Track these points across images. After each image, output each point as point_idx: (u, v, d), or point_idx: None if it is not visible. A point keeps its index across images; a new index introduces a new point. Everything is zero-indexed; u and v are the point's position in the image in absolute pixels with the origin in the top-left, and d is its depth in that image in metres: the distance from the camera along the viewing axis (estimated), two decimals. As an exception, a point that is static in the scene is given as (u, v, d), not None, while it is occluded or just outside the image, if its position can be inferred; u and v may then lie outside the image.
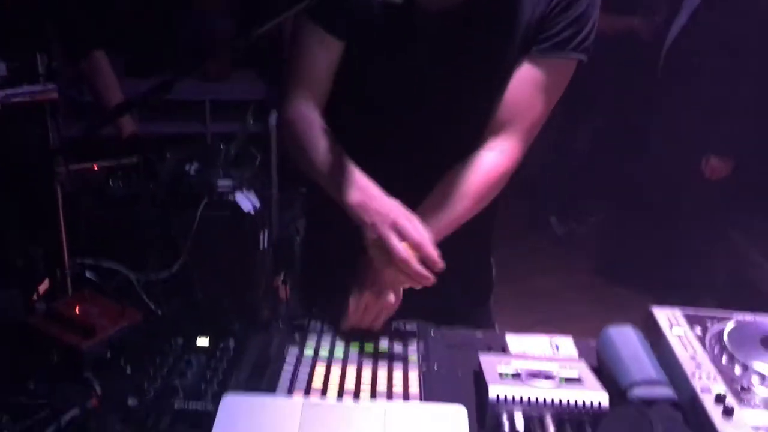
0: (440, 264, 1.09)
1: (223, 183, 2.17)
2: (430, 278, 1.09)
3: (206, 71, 3.96)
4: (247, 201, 2.17)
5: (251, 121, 2.40)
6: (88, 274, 1.55)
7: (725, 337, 1.10)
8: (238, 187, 2.19)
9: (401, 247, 1.09)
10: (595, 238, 4.09)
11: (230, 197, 2.16)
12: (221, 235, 2.13)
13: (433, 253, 1.10)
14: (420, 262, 1.09)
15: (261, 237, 2.25)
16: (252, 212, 2.17)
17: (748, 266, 3.09)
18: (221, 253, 2.11)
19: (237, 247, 2.13)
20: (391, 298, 1.18)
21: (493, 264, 1.54)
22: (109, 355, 1.11)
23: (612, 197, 3.85)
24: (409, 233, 1.09)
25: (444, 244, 1.17)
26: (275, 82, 3.75)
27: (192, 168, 2.22)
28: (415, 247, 1.09)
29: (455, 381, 1.13)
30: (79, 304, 1.21)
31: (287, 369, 1.08)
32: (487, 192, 1.24)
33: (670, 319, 1.17)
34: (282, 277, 2.35)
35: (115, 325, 1.16)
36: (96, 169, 2.22)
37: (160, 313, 1.37)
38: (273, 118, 3.14)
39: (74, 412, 0.96)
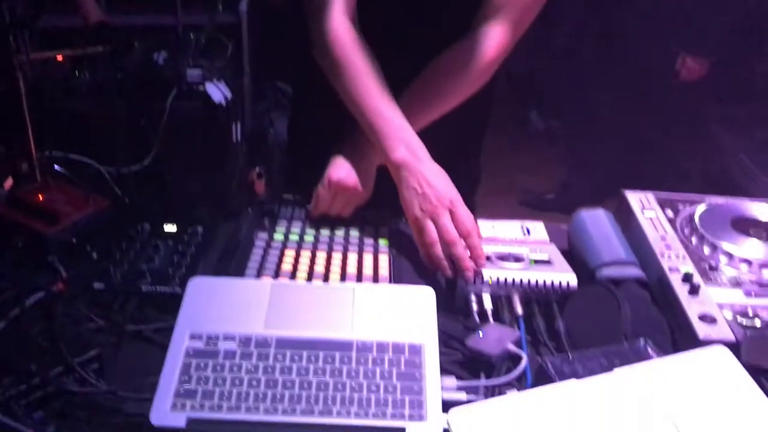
0: (483, 260, 1.04)
1: (193, 73, 2.10)
2: (471, 269, 1.04)
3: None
4: (218, 91, 2.10)
5: (221, 8, 2.31)
6: (57, 168, 1.50)
7: (696, 219, 1.10)
8: (208, 77, 2.12)
9: (453, 229, 1.05)
10: (574, 134, 4.07)
11: (200, 88, 2.10)
12: (192, 127, 2.07)
13: (480, 246, 1.06)
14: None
15: (233, 129, 2.20)
16: (223, 103, 2.11)
17: (725, 157, 3.09)
18: (193, 145, 2.06)
19: (209, 140, 2.09)
20: (361, 186, 1.16)
21: (481, 161, 1.52)
22: (74, 241, 1.09)
23: (590, 92, 3.80)
24: (462, 219, 1.06)
25: (436, 134, 1.15)
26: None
27: (160, 57, 2.14)
28: (465, 234, 1.06)
29: (426, 265, 1.13)
30: (42, 191, 1.18)
31: (256, 253, 1.07)
32: (474, 78, 1.20)
33: (642, 202, 1.17)
34: (257, 170, 2.32)
35: (80, 211, 1.13)
36: (60, 59, 2.13)
37: (127, 201, 1.35)
38: (243, 4, 3.03)
39: (39, 295, 0.95)
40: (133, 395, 0.84)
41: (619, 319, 0.94)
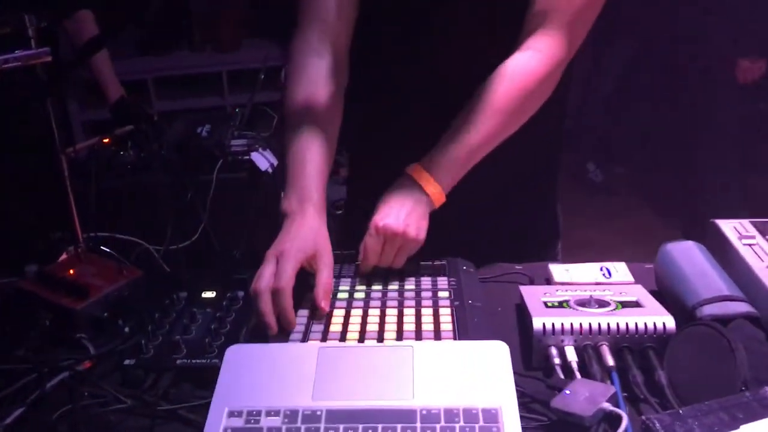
0: (275, 329, 0.91)
1: (237, 143, 2.06)
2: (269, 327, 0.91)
3: (218, 42, 3.84)
4: (263, 159, 2.05)
5: (262, 76, 2.28)
6: (104, 249, 1.44)
7: (807, 242, 0.95)
8: (253, 146, 2.07)
9: (264, 278, 0.93)
10: (632, 179, 3.91)
11: (246, 157, 2.05)
12: (240, 197, 2.02)
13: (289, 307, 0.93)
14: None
15: (282, 196, 2.13)
16: (270, 170, 2.05)
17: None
18: (241, 216, 2.00)
19: (257, 209, 2.02)
20: (412, 232, 1.03)
21: (560, 211, 1.36)
22: (105, 316, 1.00)
23: (645, 134, 3.69)
24: (279, 274, 0.93)
25: (502, 180, 1.09)
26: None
27: (204, 130, 2.11)
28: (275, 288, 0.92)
29: (494, 317, 0.99)
30: (72, 265, 1.10)
31: (301, 315, 0.96)
32: (522, 102, 1.05)
33: (737, 230, 1.02)
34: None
35: (111, 283, 1.04)
36: (107, 142, 2.12)
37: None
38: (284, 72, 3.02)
39: (63, 375, 0.85)
40: (164, 486, 0.72)
41: (732, 364, 0.78)
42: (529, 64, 1.05)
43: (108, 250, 1.38)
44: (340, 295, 1.00)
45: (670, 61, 3.29)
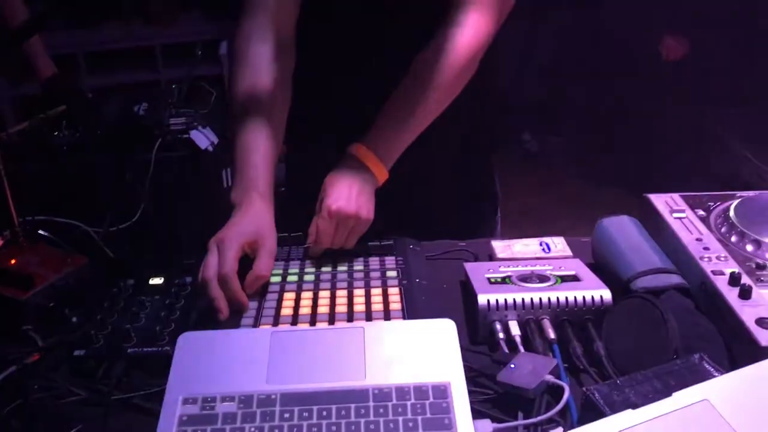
0: (224, 313, 0.92)
1: (176, 121, 2.02)
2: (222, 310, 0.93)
3: (151, 15, 3.73)
4: (203, 137, 2.03)
5: (200, 53, 2.24)
6: (42, 233, 1.40)
7: (732, 214, 1.00)
8: (191, 124, 2.04)
9: (210, 267, 0.94)
10: (567, 149, 4.01)
11: (185, 135, 2.02)
12: (180, 176, 1.99)
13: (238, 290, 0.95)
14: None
15: (223, 175, 2.12)
16: (210, 149, 2.03)
17: (731, 158, 3.01)
18: (182, 195, 1.97)
19: (198, 188, 2.00)
20: (363, 212, 1.06)
21: (496, 175, 1.43)
22: (52, 306, 0.99)
23: (579, 105, 3.80)
24: (221, 261, 0.94)
25: (442, 148, 1.12)
26: (224, 18, 3.54)
27: (141, 108, 2.06)
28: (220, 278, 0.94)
29: (440, 294, 1.02)
30: (14, 254, 1.08)
31: (251, 300, 0.97)
32: (457, 77, 1.10)
33: (669, 204, 1.07)
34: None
35: (56, 272, 1.03)
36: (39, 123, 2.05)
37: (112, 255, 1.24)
38: (223, 47, 2.96)
39: (11, 369, 0.85)
40: (121, 475, 0.73)
41: (665, 333, 0.83)
42: (460, 38, 1.08)
43: (46, 233, 1.35)
44: (290, 278, 1.02)
45: (601, 34, 3.39)
